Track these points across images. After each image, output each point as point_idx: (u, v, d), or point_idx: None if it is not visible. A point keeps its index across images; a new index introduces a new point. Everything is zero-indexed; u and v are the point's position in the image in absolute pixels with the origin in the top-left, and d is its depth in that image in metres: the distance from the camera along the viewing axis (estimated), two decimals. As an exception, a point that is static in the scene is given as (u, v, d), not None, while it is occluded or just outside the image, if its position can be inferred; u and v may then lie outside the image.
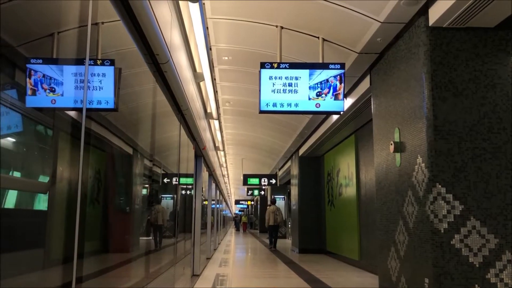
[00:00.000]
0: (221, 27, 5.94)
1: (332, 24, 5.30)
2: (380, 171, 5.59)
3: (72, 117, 2.17)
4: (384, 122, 5.44)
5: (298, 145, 12.92)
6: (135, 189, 3.68)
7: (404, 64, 4.87)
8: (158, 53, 3.54)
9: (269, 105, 5.15)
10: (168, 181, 5.38)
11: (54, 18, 2.06)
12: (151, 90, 4.02)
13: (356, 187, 9.63)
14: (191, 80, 5.59)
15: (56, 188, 2.01)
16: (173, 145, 5.40)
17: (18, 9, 1.71)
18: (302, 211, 13.31)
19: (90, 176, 2.38)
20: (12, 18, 1.66)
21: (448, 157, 4.25)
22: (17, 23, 1.72)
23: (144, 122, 3.99)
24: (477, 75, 4.37)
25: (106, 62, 2.45)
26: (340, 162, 11.00)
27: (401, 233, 4.88)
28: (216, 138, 10.95)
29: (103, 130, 2.70)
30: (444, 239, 4.15)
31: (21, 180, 1.73)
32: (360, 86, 6.57)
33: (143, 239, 4.04)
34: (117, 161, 3.23)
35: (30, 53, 1.83)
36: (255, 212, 37.97)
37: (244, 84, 8.33)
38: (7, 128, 1.62)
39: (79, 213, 2.08)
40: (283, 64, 5.19)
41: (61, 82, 1.96)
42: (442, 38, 4.41)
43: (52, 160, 2.03)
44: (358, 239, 9.48)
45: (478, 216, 4.17)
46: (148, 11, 2.90)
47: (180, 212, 6.08)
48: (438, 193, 4.20)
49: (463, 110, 4.32)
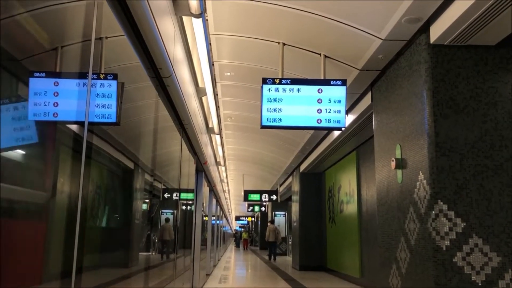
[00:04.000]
0: (224, 43, 5.99)
1: (333, 41, 5.34)
2: (381, 188, 5.57)
3: (74, 131, 2.17)
4: (386, 139, 5.44)
5: (299, 161, 12.90)
6: (136, 204, 3.66)
7: (405, 81, 4.89)
8: (161, 67, 3.56)
9: (271, 120, 5.16)
10: (169, 196, 5.36)
11: (58, 32, 2.08)
12: (153, 104, 4.03)
13: (357, 204, 9.58)
14: (194, 94, 5.61)
15: (56, 201, 2.00)
16: (174, 160, 5.40)
17: (23, 23, 1.72)
18: (303, 228, 13.23)
19: (91, 191, 2.38)
20: (17, 32, 1.67)
21: (450, 174, 4.24)
22: (21, 37, 1.73)
23: (145, 136, 4.00)
24: (478, 92, 4.38)
25: (109, 76, 2.46)
26: (342, 178, 10.97)
27: (402, 250, 4.84)
28: (218, 153, 10.95)
29: (104, 144, 2.70)
30: (446, 256, 4.11)
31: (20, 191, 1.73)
32: (362, 103, 6.59)
33: (142, 254, 4.01)
34: (118, 176, 3.23)
35: (34, 66, 1.84)
36: (255, 229, 37.68)
37: (246, 99, 8.36)
38: (9, 140, 1.62)
39: (79, 227, 2.07)
40: (285, 80, 5.21)
41: (63, 96, 1.97)
42: (443, 55, 4.43)
43: (52, 173, 2.02)
44: (359, 256, 9.40)
45: (481, 233, 4.14)
46: (152, 26, 2.92)
47: (180, 228, 6.05)
48: (440, 210, 4.18)
49: (465, 127, 4.32)
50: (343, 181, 10.83)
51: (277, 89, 5.18)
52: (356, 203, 9.61)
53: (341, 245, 10.92)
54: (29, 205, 1.80)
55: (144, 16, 2.79)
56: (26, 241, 1.77)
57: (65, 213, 2.11)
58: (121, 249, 3.32)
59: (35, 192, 1.85)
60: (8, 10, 1.55)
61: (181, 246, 6.15)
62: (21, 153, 1.74)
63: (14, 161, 1.70)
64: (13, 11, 1.61)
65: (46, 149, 1.99)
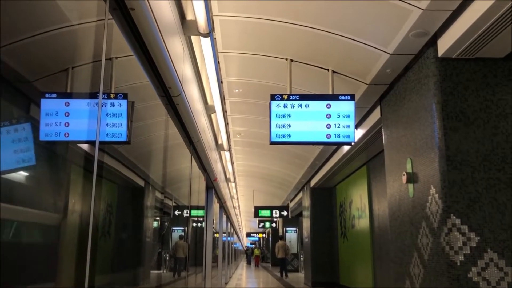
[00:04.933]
0: (232, 61, 6.04)
1: (341, 56, 5.36)
2: (393, 202, 5.52)
3: (85, 150, 2.19)
4: (396, 153, 5.41)
5: (309, 176, 12.85)
6: (147, 221, 3.67)
7: (414, 94, 4.88)
8: (170, 86, 3.60)
9: (280, 136, 5.16)
10: (179, 213, 5.36)
11: (69, 53, 2.11)
12: (163, 122, 4.06)
13: (369, 219, 9.49)
14: (203, 112, 5.64)
15: (68, 221, 2.01)
16: (184, 177, 5.41)
17: (34, 45, 1.75)
18: (315, 244, 13.10)
19: (102, 209, 2.39)
20: (29, 54, 1.70)
21: (462, 187, 4.19)
22: (33, 59, 1.77)
23: (156, 154, 4.02)
24: (488, 105, 4.36)
25: (119, 95, 2.49)
26: (353, 193, 10.89)
27: (416, 266, 4.77)
28: (227, 170, 10.95)
29: (115, 162, 2.72)
30: (461, 272, 4.04)
31: (33, 213, 1.74)
32: (371, 117, 6.58)
33: (153, 272, 4.00)
34: (129, 194, 3.24)
35: (45, 87, 1.87)
36: (266, 245, 37.40)
37: (254, 115, 8.39)
38: (22, 161, 1.64)
39: (91, 246, 2.08)
40: (293, 96, 5.23)
41: (74, 116, 1.99)
42: (452, 68, 4.42)
43: (64, 193, 2.04)
44: (372, 272, 9.28)
45: (495, 248, 4.07)
46: (161, 45, 2.96)
47: (191, 245, 6.03)
48: (452, 224, 4.13)
49: (475, 140, 4.29)
50: (354, 196, 10.76)
51: (285, 105, 5.19)
52: (368, 218, 9.52)
53: (354, 261, 10.79)
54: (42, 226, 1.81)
55: (153, 37, 2.83)
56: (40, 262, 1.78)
57: (77, 232, 2.12)
58: (132, 267, 3.32)
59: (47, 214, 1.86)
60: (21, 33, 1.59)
61: (192, 263, 6.13)
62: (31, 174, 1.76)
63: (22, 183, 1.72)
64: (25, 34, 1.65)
65: (57, 169, 2.01)
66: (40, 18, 1.80)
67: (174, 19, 3.50)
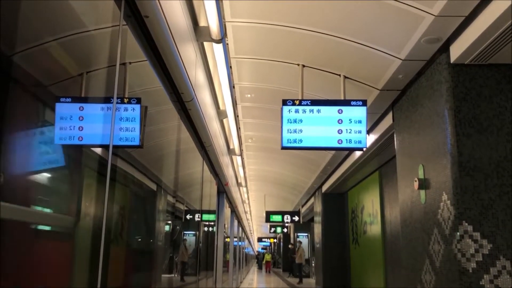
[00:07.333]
0: (244, 66, 6.07)
1: (353, 62, 5.36)
2: (405, 208, 5.49)
3: (99, 154, 2.23)
4: (408, 159, 5.39)
5: (321, 182, 12.81)
6: (159, 225, 3.70)
7: (426, 100, 4.86)
8: (183, 92, 3.64)
9: (291, 141, 5.17)
10: (191, 218, 5.39)
11: (84, 58, 2.15)
12: (176, 127, 4.10)
13: (381, 225, 9.44)
14: (215, 117, 5.68)
15: (81, 224, 2.05)
16: (196, 181, 5.45)
17: (50, 50, 1.80)
18: (326, 250, 13.04)
19: (115, 212, 2.42)
20: (44, 59, 1.74)
21: (475, 194, 4.16)
22: (48, 64, 1.81)
23: (168, 158, 4.06)
24: (502, 111, 4.32)
25: (132, 100, 2.53)
26: (364, 199, 10.84)
27: (427, 272, 4.74)
28: (239, 174, 10.98)
29: (128, 166, 2.75)
30: (473, 279, 4.01)
31: (50, 215, 1.78)
32: (383, 123, 6.56)
33: (165, 276, 4.03)
34: (141, 197, 3.28)
35: (60, 92, 1.91)
36: (278, 250, 37.28)
37: (266, 120, 8.41)
38: (37, 165, 1.68)
39: (103, 249, 2.11)
40: (305, 101, 5.24)
41: (88, 120, 2.03)
42: (465, 74, 4.40)
43: (77, 196, 2.08)
44: (384, 279, 9.21)
45: (508, 255, 4.03)
46: (174, 51, 3.00)
47: (202, 249, 6.06)
48: (465, 231, 4.10)
49: (488, 146, 4.25)
50: (366, 202, 10.70)
51: (297, 110, 5.20)
52: (380, 224, 9.46)
53: (366, 267, 10.72)
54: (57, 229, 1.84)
55: (166, 43, 2.87)
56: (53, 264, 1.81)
57: (90, 235, 2.15)
58: (144, 271, 3.35)
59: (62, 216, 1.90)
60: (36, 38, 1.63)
61: (203, 268, 6.15)
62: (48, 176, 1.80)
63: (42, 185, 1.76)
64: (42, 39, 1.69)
65: (72, 172, 2.05)
66: (57, 25, 1.84)
67: (187, 25, 3.54)
